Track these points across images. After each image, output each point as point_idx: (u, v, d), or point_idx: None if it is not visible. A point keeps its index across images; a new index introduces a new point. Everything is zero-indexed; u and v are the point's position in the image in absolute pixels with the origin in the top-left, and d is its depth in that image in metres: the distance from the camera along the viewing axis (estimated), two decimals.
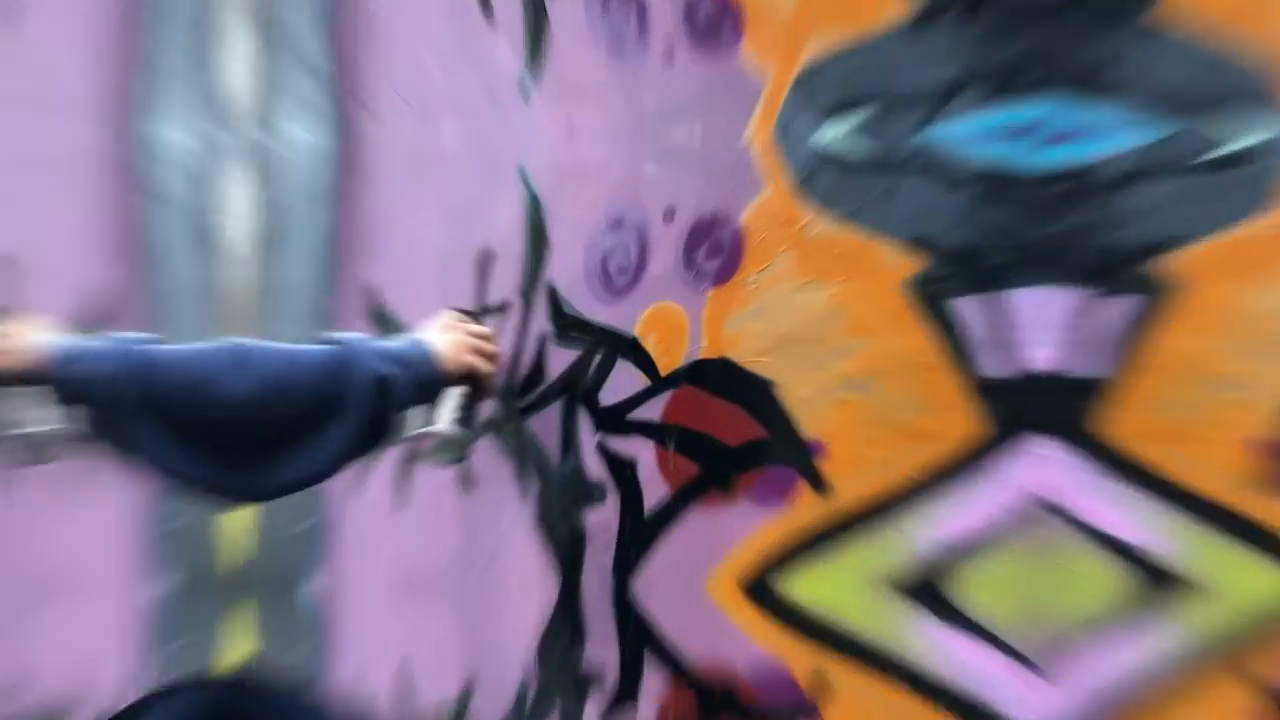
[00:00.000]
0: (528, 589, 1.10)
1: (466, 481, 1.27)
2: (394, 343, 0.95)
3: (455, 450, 1.07)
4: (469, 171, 1.37)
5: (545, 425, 1.14)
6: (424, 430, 1.03)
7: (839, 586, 0.76)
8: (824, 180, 0.81)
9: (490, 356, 1.07)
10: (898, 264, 0.75)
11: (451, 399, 1.04)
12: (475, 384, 1.04)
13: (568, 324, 1.12)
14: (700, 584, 0.88)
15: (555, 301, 1.15)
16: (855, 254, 0.78)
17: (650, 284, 1.00)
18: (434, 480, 1.37)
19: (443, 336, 1.01)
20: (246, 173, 1.71)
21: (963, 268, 0.70)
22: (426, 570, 1.31)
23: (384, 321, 1.56)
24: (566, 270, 1.13)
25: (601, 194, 1.09)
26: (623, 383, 1.02)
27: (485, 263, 1.30)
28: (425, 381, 0.95)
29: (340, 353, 0.86)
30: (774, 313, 0.85)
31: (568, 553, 1.06)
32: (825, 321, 0.80)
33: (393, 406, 0.89)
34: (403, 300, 1.50)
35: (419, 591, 1.30)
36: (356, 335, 0.90)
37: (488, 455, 1.23)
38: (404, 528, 1.41)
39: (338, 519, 1.62)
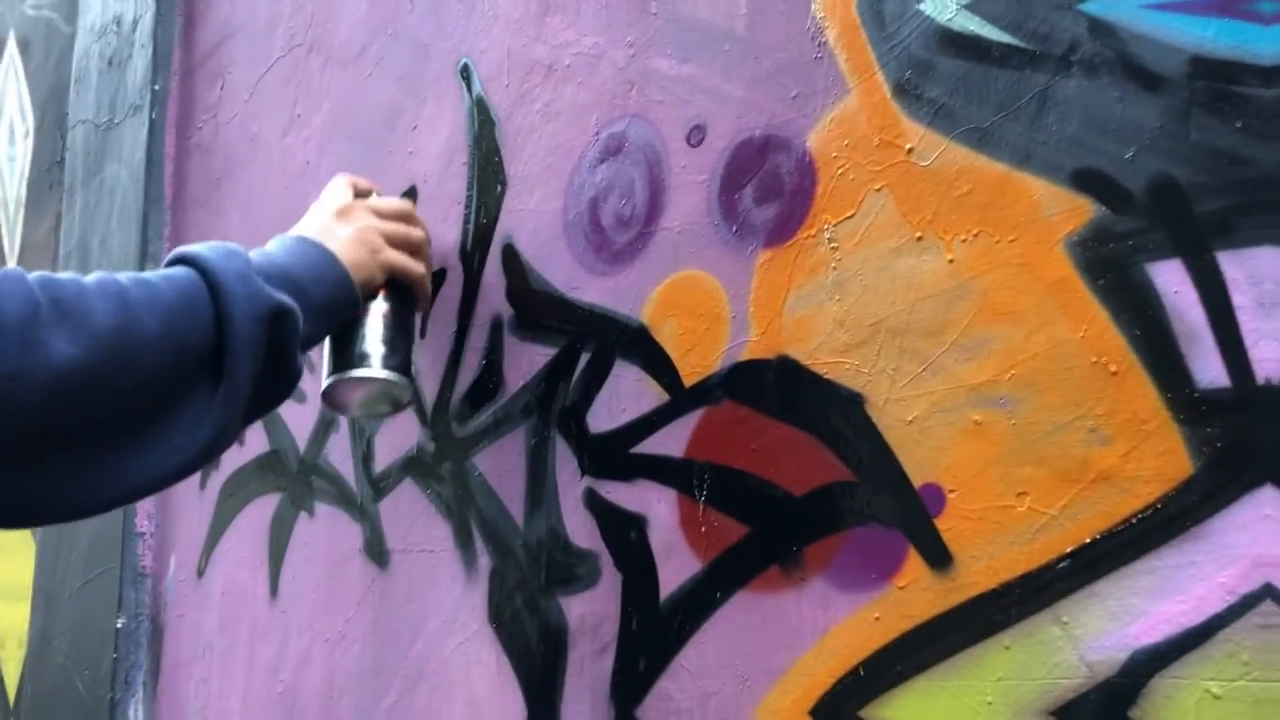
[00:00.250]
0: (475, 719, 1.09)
1: (375, 552, 1.26)
2: (274, 250, 0.96)
3: (388, 400, 1.07)
4: (373, 72, 1.35)
5: (501, 464, 1.12)
6: (339, 375, 1.03)
7: (965, 714, 0.74)
8: (941, 78, 0.80)
9: (417, 246, 1.09)
10: (1058, 211, 0.73)
11: (372, 322, 1.03)
12: (401, 292, 1.06)
13: (537, 305, 1.10)
14: (748, 711, 0.87)
15: (516, 270, 1.13)
16: (992, 195, 0.77)
17: (667, 243, 0.99)
18: (324, 551, 1.35)
19: (341, 227, 1.02)
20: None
21: (1163, 218, 0.69)
22: (310, 693, 1.29)
23: None
24: (535, 222, 1.12)
25: (590, 104, 1.07)
26: (624, 397, 1.01)
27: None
28: (332, 302, 0.96)
29: (199, 280, 0.85)
30: (864, 288, 0.83)
31: (539, 663, 1.04)
32: (945, 302, 0.78)
33: (289, 345, 0.89)
34: None
35: None
36: (219, 247, 0.89)
37: (409, 513, 1.22)
38: (276, 627, 1.38)
39: (173, 611, 1.60)
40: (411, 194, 1.25)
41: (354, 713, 1.25)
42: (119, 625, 1.64)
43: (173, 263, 0.89)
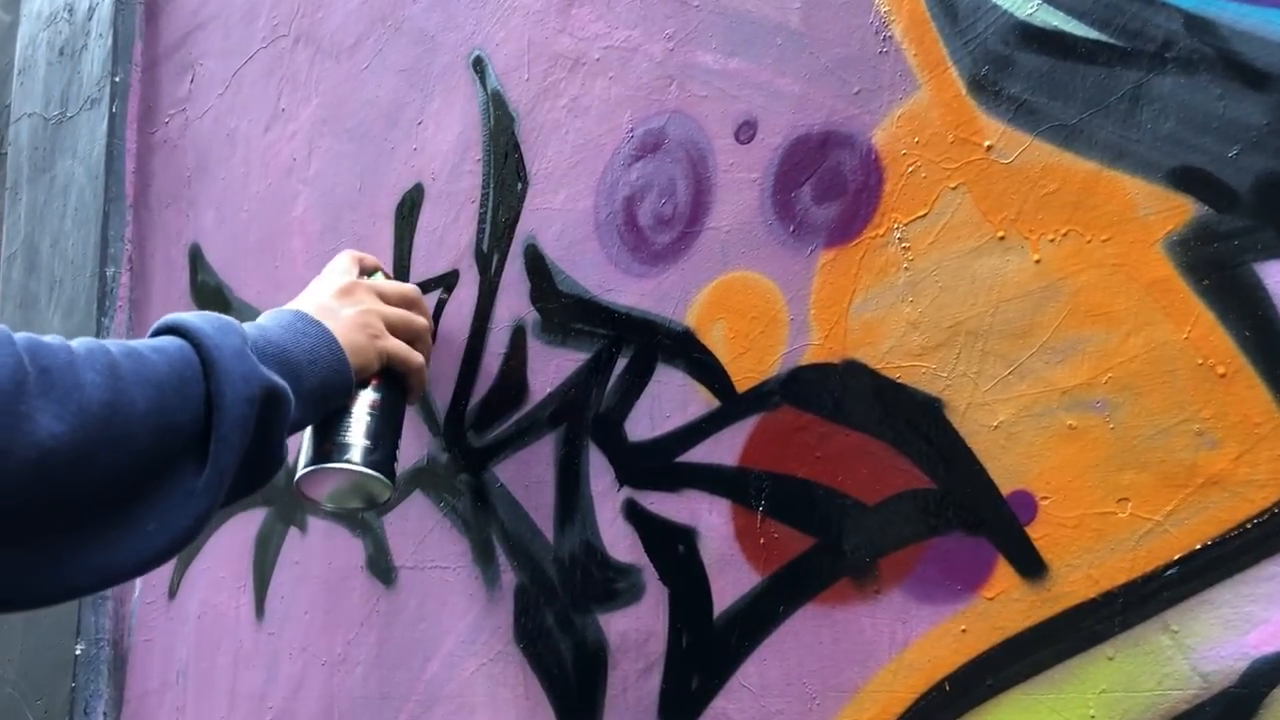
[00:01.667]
0: None
1: (379, 569, 1.21)
2: (269, 324, 0.89)
3: (363, 495, 1.01)
4: (370, 64, 1.30)
5: (526, 476, 1.08)
6: (317, 466, 0.97)
7: None
8: (1022, 74, 0.79)
9: (419, 334, 1.04)
10: (1155, 211, 0.73)
11: (359, 411, 0.98)
12: (394, 382, 1.01)
13: (565, 308, 1.07)
14: None
15: (541, 271, 1.10)
16: (1082, 194, 0.76)
17: (714, 242, 0.97)
18: (319, 569, 1.28)
19: (342, 307, 0.97)
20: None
21: (1271, 217, 0.68)
22: (305, 719, 1.21)
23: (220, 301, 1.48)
24: (561, 221, 1.09)
25: (623, 98, 1.05)
26: (668, 404, 0.98)
27: (409, 208, 1.24)
28: (325, 387, 0.91)
29: (192, 354, 0.79)
30: (940, 289, 0.82)
31: (574, 685, 1.01)
32: (1032, 303, 0.77)
33: (277, 431, 0.84)
34: (252, 271, 1.42)
35: None
36: (212, 318, 0.83)
37: (419, 528, 1.17)
38: (263, 651, 1.30)
39: (140, 636, 1.51)
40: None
41: None
42: (78, 652, 1.56)
43: (161, 332, 0.82)
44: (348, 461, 0.95)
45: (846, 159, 0.88)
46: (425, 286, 1.19)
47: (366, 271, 1.06)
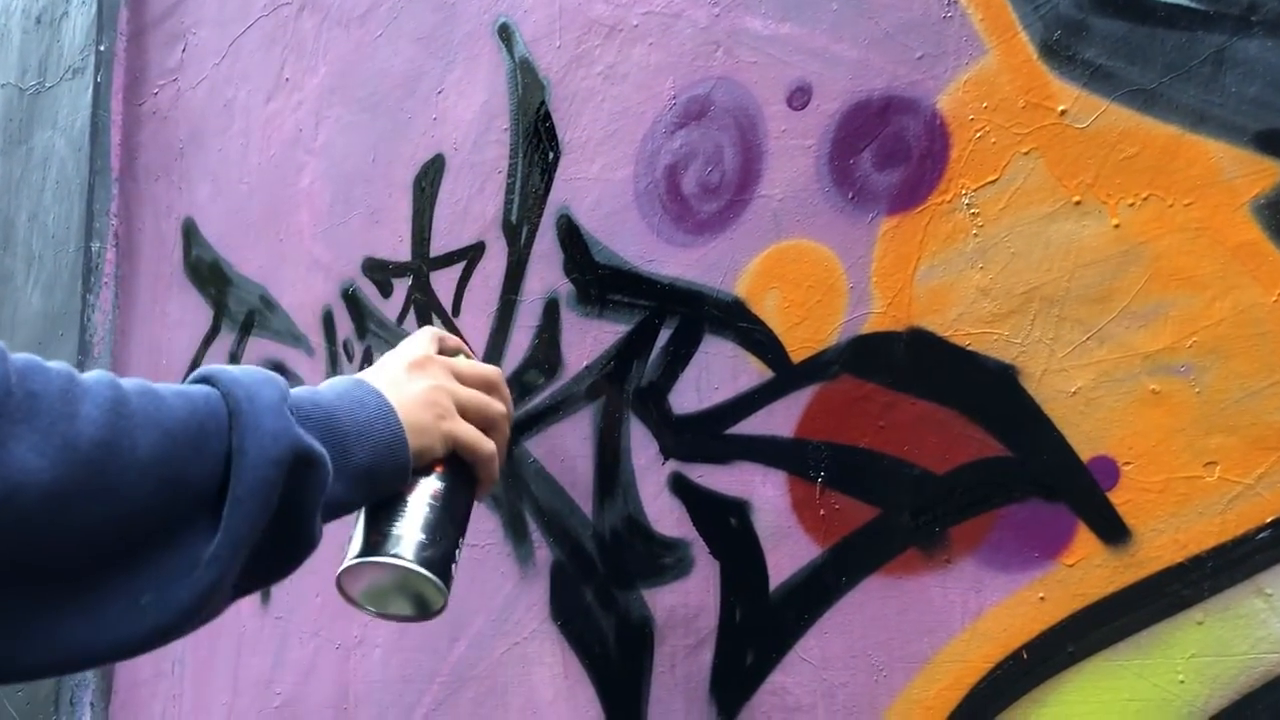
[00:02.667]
0: None
1: None
2: (323, 388, 0.78)
3: (414, 600, 0.83)
4: (384, 33, 1.25)
5: (562, 450, 1.06)
6: (361, 559, 0.80)
7: (1152, 693, 0.73)
8: (1097, 39, 0.78)
9: (494, 422, 0.89)
10: (1241, 174, 0.72)
11: (419, 499, 0.82)
12: (460, 472, 0.86)
13: (603, 280, 1.05)
14: (884, 703, 0.84)
15: (576, 242, 1.08)
16: (1162, 159, 0.76)
17: (765, 210, 0.95)
18: (331, 551, 1.23)
19: (410, 381, 0.84)
20: None
21: None
22: (318, 705, 1.16)
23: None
24: (598, 191, 1.06)
25: (664, 65, 1.03)
26: (716, 375, 0.96)
27: (430, 179, 1.21)
28: (375, 464, 0.77)
29: (220, 403, 0.68)
30: (1012, 255, 0.81)
31: (616, 661, 0.99)
32: (1111, 268, 0.77)
33: (309, 504, 0.70)
34: (254, 245, 1.37)
35: None
36: (255, 372, 0.72)
37: None
38: (270, 636, 1.21)
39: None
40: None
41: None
42: None
43: (197, 381, 0.71)
44: (395, 556, 0.79)
45: (910, 125, 0.87)
46: (450, 259, 1.17)
47: (448, 351, 0.93)
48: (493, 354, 1.12)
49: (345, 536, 0.81)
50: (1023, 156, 0.82)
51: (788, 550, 0.90)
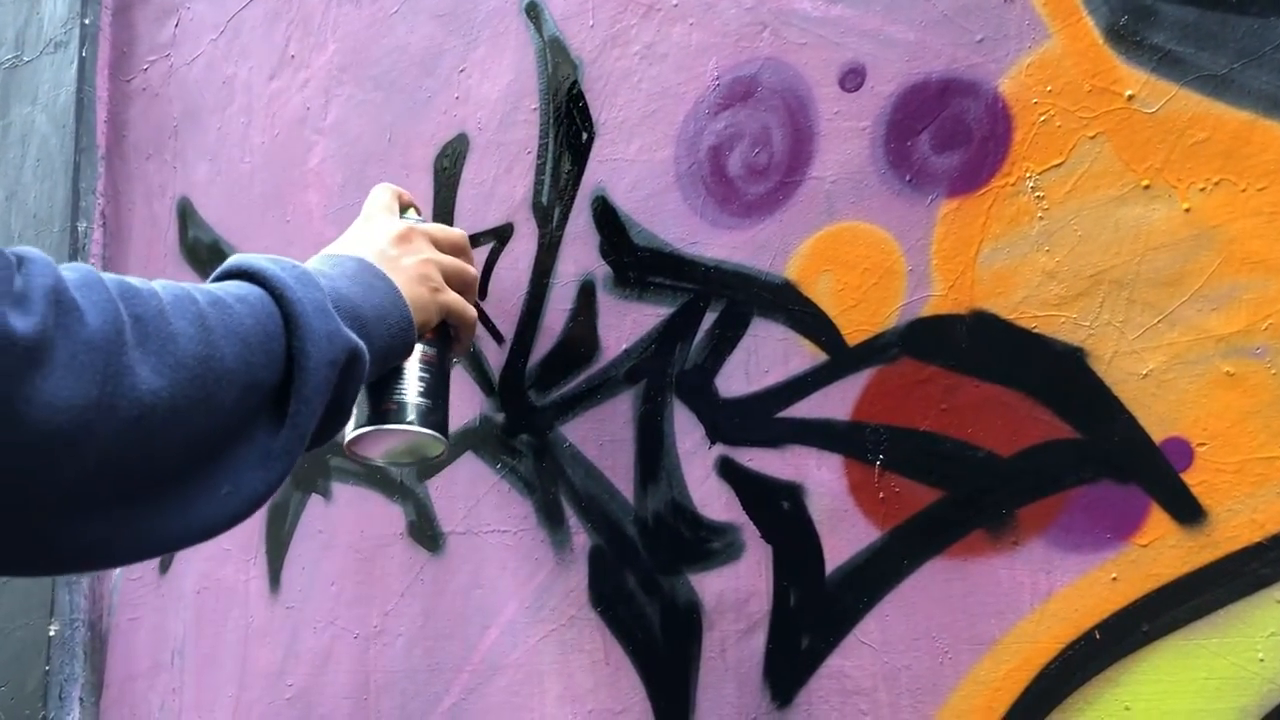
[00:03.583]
0: (578, 713, 0.97)
1: (424, 536, 1.15)
2: (334, 274, 0.82)
3: (415, 453, 0.96)
4: (399, 10, 1.22)
5: (600, 435, 1.04)
6: (376, 427, 0.92)
7: (1230, 672, 0.73)
8: (1166, 25, 0.79)
9: (469, 285, 0.99)
10: None
11: (414, 366, 0.93)
12: (445, 335, 0.96)
13: (642, 262, 1.04)
14: (949, 685, 0.84)
15: (613, 224, 1.06)
16: (1234, 143, 0.76)
17: (817, 192, 0.95)
18: (347, 538, 1.20)
19: (403, 256, 0.91)
20: None
21: None
22: (334, 696, 1.12)
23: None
24: (635, 172, 1.05)
25: (706, 46, 1.02)
26: (766, 358, 0.96)
27: (452, 160, 1.18)
28: (389, 347, 0.85)
29: (274, 306, 0.73)
30: (1079, 238, 0.81)
31: (662, 648, 0.98)
32: (1183, 251, 0.77)
33: (352, 392, 0.79)
34: (258, 226, 1.30)
35: None
36: (288, 266, 0.76)
37: (469, 492, 1.12)
38: (281, 626, 1.19)
39: (124, 615, 1.36)
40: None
41: (400, 714, 1.14)
42: (51, 633, 1.46)
43: (231, 275, 0.76)
44: (408, 424, 0.92)
45: (970, 107, 0.87)
46: (476, 240, 1.14)
47: (405, 206, 1.00)
48: (525, 337, 1.11)
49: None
50: (1089, 140, 0.82)
51: (845, 533, 0.89)
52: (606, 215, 1.06)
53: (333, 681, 1.21)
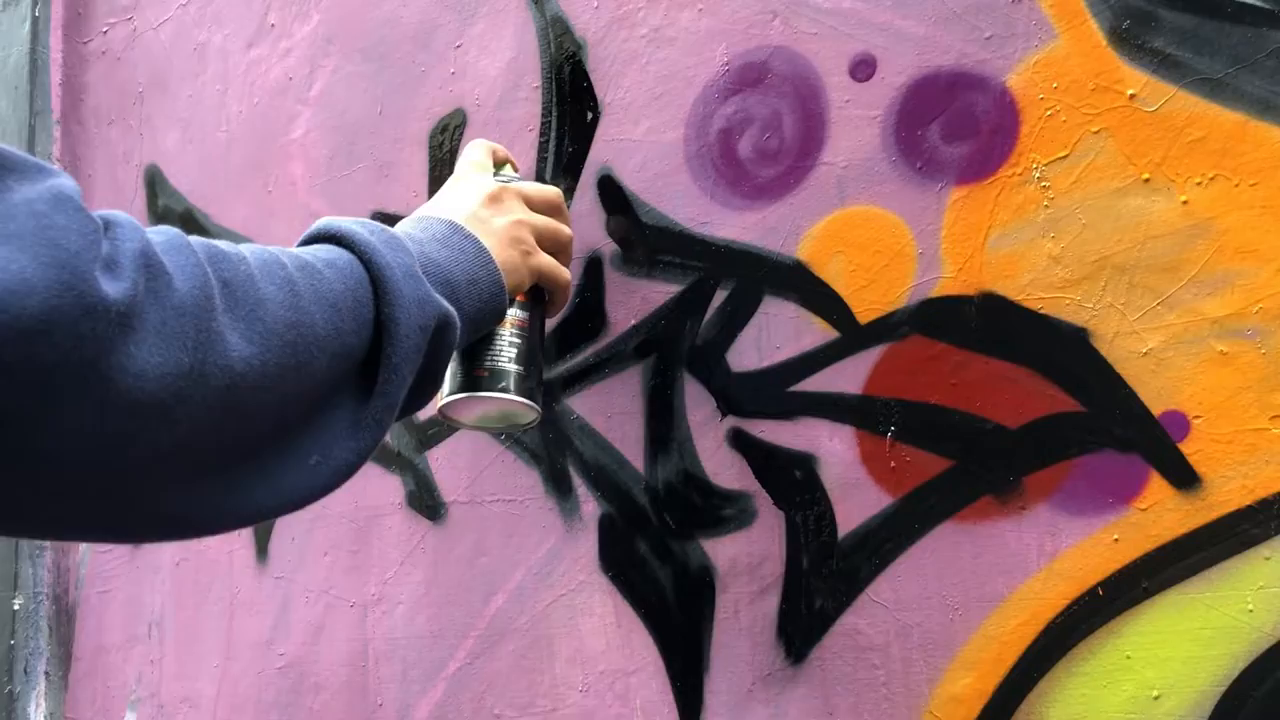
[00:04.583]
0: (590, 673, 1.02)
1: (423, 505, 1.18)
2: (423, 237, 0.81)
3: (506, 420, 0.94)
4: None
5: (608, 407, 1.08)
6: (471, 394, 0.89)
7: (1222, 622, 0.81)
8: (1165, 30, 0.85)
9: (564, 247, 0.97)
10: None
11: (508, 330, 0.91)
12: (538, 299, 0.95)
13: (650, 240, 1.07)
14: (961, 639, 0.90)
15: (619, 203, 1.09)
16: (1229, 142, 0.83)
17: (828, 177, 0.99)
18: (341, 508, 1.21)
19: (494, 217, 0.89)
20: None
21: None
22: (330, 664, 1.16)
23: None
24: (643, 153, 1.08)
25: (716, 31, 1.05)
26: (778, 335, 1.00)
27: (449, 134, 1.20)
28: (481, 313, 0.84)
29: (363, 271, 0.72)
30: (1083, 226, 0.88)
31: (675, 610, 1.02)
32: (1180, 240, 0.85)
33: (444, 360, 0.79)
34: (236, 195, 1.28)
35: None
36: (376, 230, 0.76)
37: (472, 462, 1.15)
38: (270, 596, 1.19)
39: (94, 588, 1.34)
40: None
41: (402, 680, 1.17)
42: (15, 606, 1.43)
43: (319, 238, 0.75)
44: (503, 391, 0.90)
45: (979, 100, 0.93)
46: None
47: (500, 163, 0.98)
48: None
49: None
50: (1093, 135, 0.88)
51: (857, 500, 0.95)
52: (613, 194, 1.09)
53: (328, 650, 1.22)
